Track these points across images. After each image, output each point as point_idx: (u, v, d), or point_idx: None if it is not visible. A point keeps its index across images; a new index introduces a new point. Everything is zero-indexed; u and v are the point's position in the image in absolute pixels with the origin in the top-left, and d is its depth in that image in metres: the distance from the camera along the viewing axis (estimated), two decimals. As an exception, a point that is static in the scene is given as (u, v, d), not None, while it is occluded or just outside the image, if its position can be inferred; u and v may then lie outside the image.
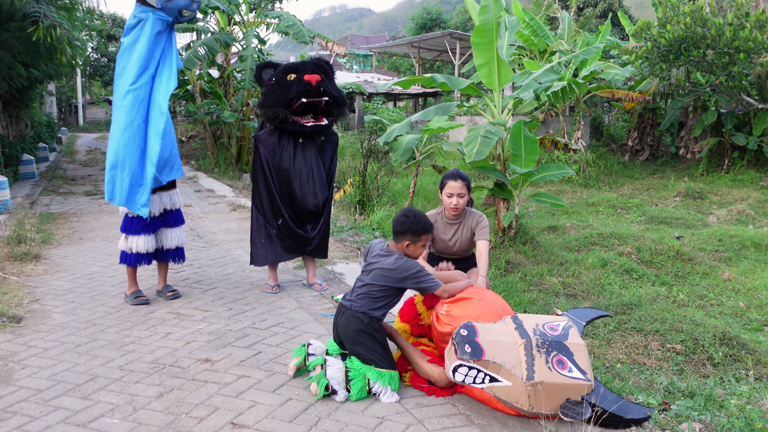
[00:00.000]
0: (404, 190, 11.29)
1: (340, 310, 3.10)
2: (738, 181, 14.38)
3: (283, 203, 4.48)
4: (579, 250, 8.10)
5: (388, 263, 3.02)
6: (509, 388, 2.59)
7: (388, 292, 3.03)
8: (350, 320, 3.00)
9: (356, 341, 2.98)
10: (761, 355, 5.01)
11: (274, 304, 4.28)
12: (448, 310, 3.03)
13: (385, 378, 2.85)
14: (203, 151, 15.40)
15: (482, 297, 3.09)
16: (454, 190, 3.75)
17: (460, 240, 3.88)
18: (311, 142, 4.48)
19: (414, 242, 3.10)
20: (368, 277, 3.07)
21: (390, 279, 2.99)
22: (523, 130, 7.32)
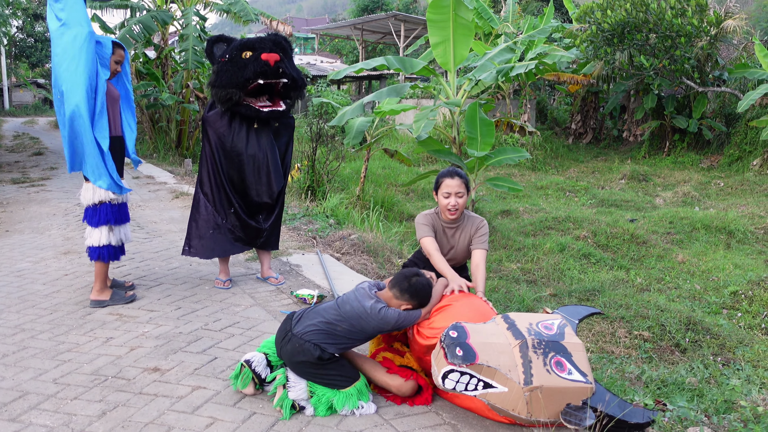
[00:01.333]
0: (353, 175, 10.98)
1: (284, 334, 2.69)
2: (679, 163, 14.68)
3: (234, 192, 4.09)
4: (535, 234, 8.00)
5: (367, 307, 2.66)
6: (505, 395, 2.35)
7: (357, 336, 2.68)
8: (296, 351, 2.62)
9: (304, 372, 2.63)
10: (724, 339, 4.98)
11: (227, 301, 3.92)
12: (428, 323, 2.73)
13: (354, 398, 2.53)
14: (140, 135, 14.64)
15: (461, 302, 2.83)
16: (451, 188, 3.32)
17: (456, 248, 3.49)
18: (266, 126, 4.11)
19: (413, 308, 2.77)
20: (338, 314, 2.69)
21: (365, 323, 2.65)
22: (478, 112, 7.11)
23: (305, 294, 3.86)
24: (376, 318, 2.64)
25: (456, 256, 3.46)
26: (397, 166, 12.63)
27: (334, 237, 5.54)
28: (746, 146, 13.55)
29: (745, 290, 6.00)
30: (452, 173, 3.37)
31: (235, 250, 4.21)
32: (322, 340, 2.62)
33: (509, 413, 2.34)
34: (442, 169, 3.44)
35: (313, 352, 2.59)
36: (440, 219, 3.42)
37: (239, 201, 4.12)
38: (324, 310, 2.75)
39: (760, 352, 4.83)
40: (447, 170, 3.41)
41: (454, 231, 3.44)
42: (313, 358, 2.59)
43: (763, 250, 7.97)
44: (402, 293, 2.72)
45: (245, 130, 4.04)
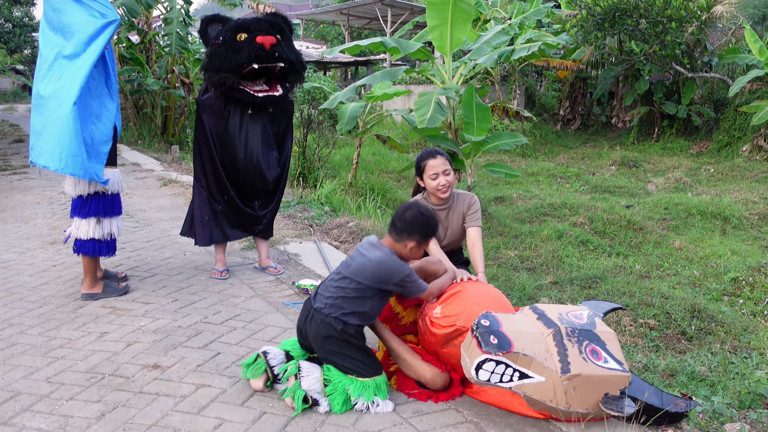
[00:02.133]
0: (344, 162, 10.80)
1: (307, 312, 2.60)
2: (668, 149, 14.66)
3: (228, 178, 3.92)
4: (531, 221, 7.90)
5: (375, 257, 2.54)
6: (542, 385, 2.22)
7: (367, 293, 2.53)
8: (320, 327, 2.51)
9: (329, 351, 2.50)
10: (729, 326, 4.91)
11: (225, 292, 3.75)
12: (442, 311, 2.59)
13: (370, 390, 2.40)
14: (125, 122, 14.33)
15: (475, 288, 2.70)
16: (437, 168, 3.19)
17: (451, 228, 3.35)
18: (262, 111, 3.92)
19: (420, 245, 2.62)
20: (348, 270, 2.59)
21: (373, 277, 2.51)
22: (474, 97, 6.97)
23: (307, 284, 3.71)
24: (382, 268, 2.52)
25: (451, 237, 3.36)
26: (387, 153, 12.47)
27: (331, 225, 5.39)
28: (735, 132, 13.55)
29: (745, 276, 5.94)
30: (432, 153, 3.26)
31: (232, 237, 4.06)
32: (341, 312, 2.52)
33: (546, 405, 2.22)
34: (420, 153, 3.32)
35: (335, 325, 2.50)
36: (430, 203, 3.30)
37: (234, 187, 3.96)
38: (331, 278, 2.65)
39: (765, 340, 4.77)
40: (425, 152, 3.30)
41: (446, 212, 3.33)
42: (337, 333, 2.49)
43: (759, 235, 7.94)
44: (401, 231, 2.60)
45: (239, 115, 3.87)
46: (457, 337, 2.52)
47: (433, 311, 2.63)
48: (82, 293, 3.66)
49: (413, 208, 2.64)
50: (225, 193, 3.95)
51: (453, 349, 2.54)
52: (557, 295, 5.39)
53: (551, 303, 5.33)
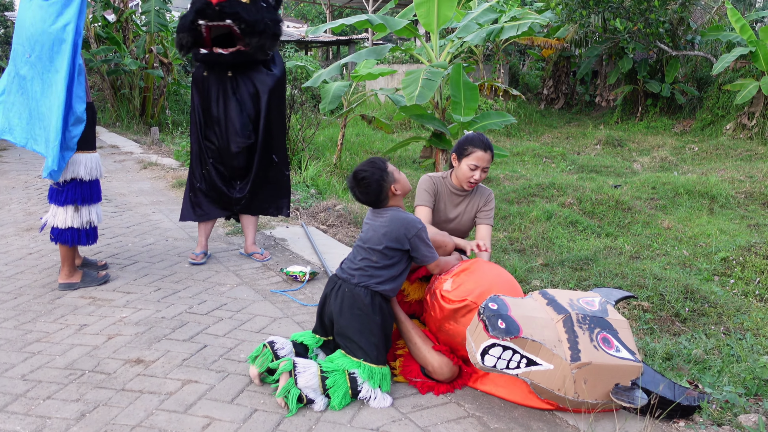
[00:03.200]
0: (328, 143, 10.62)
1: (334, 284, 2.52)
2: (652, 128, 14.64)
3: (209, 154, 3.78)
4: (519, 202, 7.81)
5: (384, 220, 2.49)
6: (551, 373, 2.12)
7: (392, 256, 2.46)
8: (348, 297, 2.43)
9: (350, 326, 2.41)
10: (722, 307, 4.87)
11: (210, 280, 3.61)
12: (453, 284, 2.48)
13: (377, 377, 2.30)
14: (102, 103, 13.98)
15: (489, 267, 2.62)
16: (481, 162, 3.00)
17: (461, 218, 3.21)
18: (244, 78, 3.72)
19: (393, 180, 2.53)
20: (367, 243, 2.51)
21: (390, 236, 2.45)
22: (462, 75, 6.82)
23: (296, 271, 3.57)
24: (395, 222, 2.48)
25: (459, 226, 3.21)
26: (371, 133, 12.29)
27: (318, 208, 5.24)
28: (718, 110, 13.54)
29: (735, 256, 5.90)
30: (486, 145, 3.05)
31: (212, 215, 3.93)
32: (373, 281, 2.47)
33: (554, 394, 2.13)
34: (471, 132, 3.14)
35: (364, 296, 2.43)
36: (450, 185, 3.14)
37: (215, 163, 3.81)
38: (354, 253, 2.59)
39: (758, 320, 4.73)
40: (478, 139, 3.07)
41: (461, 199, 3.17)
42: (363, 305, 2.42)
43: (746, 214, 7.93)
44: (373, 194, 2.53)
45: (217, 85, 3.73)
46: (466, 314, 2.43)
47: (443, 284, 2.54)
48: (59, 283, 3.49)
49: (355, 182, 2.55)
50: (204, 167, 3.82)
51: (457, 326, 2.44)
52: (548, 278, 5.30)
53: (543, 286, 5.26)
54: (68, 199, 3.38)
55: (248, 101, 3.82)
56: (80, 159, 3.36)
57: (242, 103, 3.79)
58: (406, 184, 2.59)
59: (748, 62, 12.55)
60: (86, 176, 3.40)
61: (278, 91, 3.94)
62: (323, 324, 2.53)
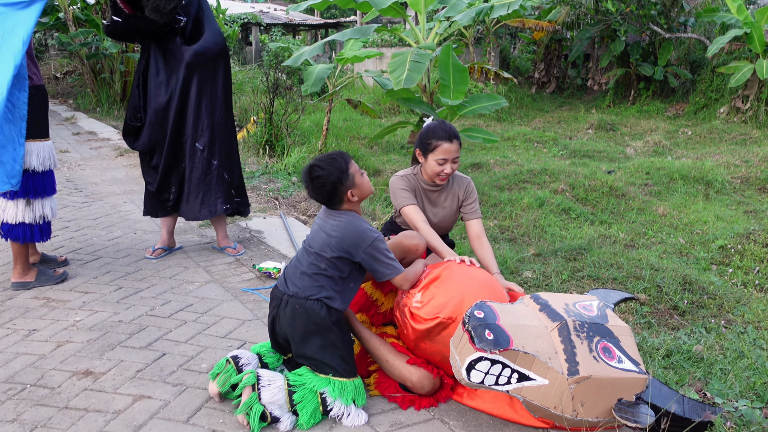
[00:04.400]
0: (314, 128, 10.32)
1: (279, 300, 2.23)
2: (644, 111, 14.40)
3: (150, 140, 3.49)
4: (510, 188, 7.56)
5: (336, 225, 2.20)
6: (546, 389, 1.90)
7: (341, 267, 2.19)
8: (302, 314, 2.15)
9: (309, 343, 2.13)
10: (722, 299, 4.66)
11: (178, 277, 3.34)
12: (423, 297, 2.22)
13: (349, 392, 2.05)
14: (82, 88, 13.59)
15: (461, 272, 2.34)
16: (449, 154, 2.75)
17: (443, 214, 2.95)
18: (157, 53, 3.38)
19: (352, 184, 2.24)
20: (313, 253, 2.22)
21: (341, 245, 2.18)
22: (451, 57, 6.54)
23: (270, 267, 3.32)
24: (347, 231, 2.20)
25: (442, 222, 2.95)
26: (358, 118, 11.98)
27: (298, 197, 4.97)
28: (712, 94, 13.31)
29: (733, 244, 5.69)
30: (450, 135, 2.78)
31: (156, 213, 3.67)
32: (323, 293, 2.18)
33: (550, 412, 1.89)
34: (431, 122, 2.85)
35: (318, 310, 2.15)
36: (422, 181, 2.88)
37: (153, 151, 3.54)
38: (300, 258, 2.27)
39: (759, 312, 4.53)
40: (440, 129, 2.78)
41: (438, 194, 2.92)
42: (320, 319, 2.14)
43: (742, 200, 7.72)
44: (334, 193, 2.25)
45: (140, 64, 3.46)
46: (441, 332, 2.17)
47: (412, 300, 2.26)
48: (12, 282, 3.22)
49: (309, 178, 2.27)
50: None
51: (434, 345, 2.18)
52: (541, 269, 5.07)
53: (535, 277, 5.02)
54: (19, 192, 3.10)
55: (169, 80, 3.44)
56: (32, 148, 3.08)
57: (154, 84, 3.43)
58: (366, 190, 2.30)
59: (742, 44, 12.31)
60: (39, 167, 3.12)
61: (204, 70, 3.47)
62: (278, 345, 2.28)
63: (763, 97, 11.55)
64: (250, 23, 21.71)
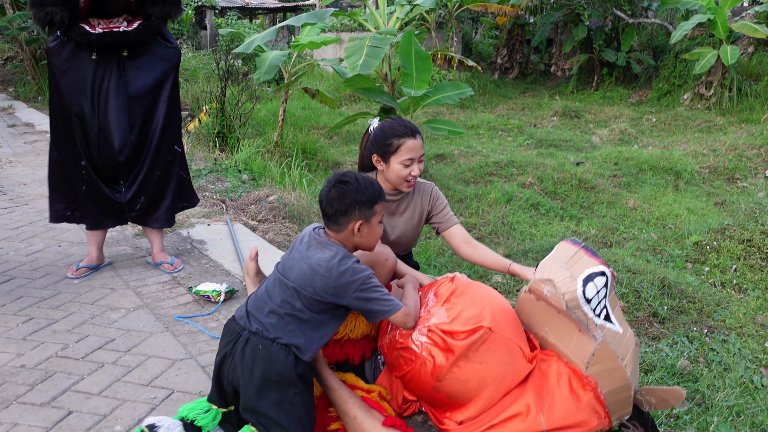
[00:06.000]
0: (270, 118, 9.82)
1: (237, 336, 1.82)
2: (608, 98, 14.26)
3: (82, 147, 3.01)
4: (476, 182, 7.24)
5: (323, 260, 1.80)
6: (620, 337, 1.90)
7: (324, 308, 1.81)
8: (263, 358, 1.74)
9: (263, 394, 1.72)
10: (701, 302, 4.41)
11: (102, 302, 2.89)
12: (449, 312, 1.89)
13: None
14: (22, 75, 12.78)
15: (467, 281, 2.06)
16: (415, 152, 2.36)
17: (404, 227, 2.53)
18: (114, 58, 2.95)
19: (368, 219, 1.87)
20: (292, 278, 1.82)
21: (325, 287, 1.77)
22: (413, 43, 6.14)
23: (208, 290, 2.88)
24: (333, 273, 1.79)
25: (402, 237, 2.54)
26: (318, 107, 11.51)
27: (248, 199, 4.53)
28: (675, 80, 13.21)
29: (708, 240, 5.46)
30: (411, 129, 2.37)
31: (103, 224, 3.19)
32: (292, 338, 1.78)
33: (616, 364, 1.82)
34: (385, 120, 2.44)
35: (285, 358, 1.75)
36: None
37: (88, 159, 3.05)
38: (270, 290, 1.86)
39: (740, 316, 4.29)
40: (399, 125, 2.36)
41: (397, 204, 2.52)
42: (284, 369, 1.75)
43: (711, 190, 7.56)
44: (337, 215, 1.87)
45: (89, 65, 2.94)
46: (481, 346, 1.86)
47: (431, 320, 1.90)
48: None
49: (333, 181, 1.90)
50: (83, 169, 3.05)
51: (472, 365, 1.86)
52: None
53: (505, 282, 4.70)
54: None
55: (134, 82, 3.05)
56: None
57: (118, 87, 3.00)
58: (374, 237, 1.93)
59: (705, 30, 12.19)
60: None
61: (171, 71, 3.19)
62: (222, 392, 1.85)
63: (726, 83, 11.46)
64: (205, 6, 20.90)
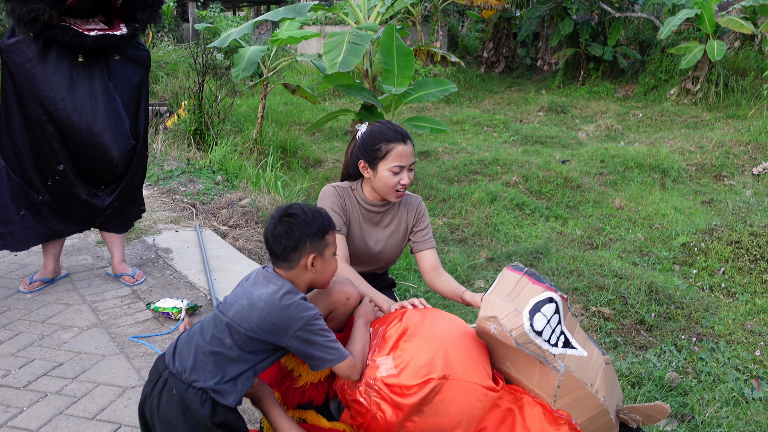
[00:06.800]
0: (251, 113, 9.59)
1: (158, 373, 1.65)
2: (594, 93, 14.14)
3: (61, 151, 2.79)
4: (460, 180, 7.07)
5: (265, 294, 1.62)
6: (585, 361, 1.72)
7: (257, 347, 1.63)
8: (172, 401, 1.57)
9: None
10: (690, 308, 4.27)
11: (54, 320, 2.69)
12: (397, 361, 1.67)
13: None
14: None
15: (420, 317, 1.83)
16: (406, 159, 2.17)
17: (386, 243, 2.33)
18: (98, 62, 2.78)
19: (320, 252, 1.70)
20: (230, 313, 1.64)
21: (263, 324, 1.60)
22: (395, 39, 5.96)
23: (168, 307, 2.68)
24: (275, 309, 1.61)
25: (384, 252, 2.35)
26: (300, 102, 11.28)
27: (220, 202, 4.33)
28: (661, 75, 13.11)
29: (696, 242, 5.33)
30: (402, 134, 2.17)
31: (64, 232, 2.97)
32: (210, 380, 1.58)
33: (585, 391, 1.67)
34: (374, 124, 2.25)
35: (200, 405, 1.56)
36: (362, 200, 2.28)
37: (67, 163, 2.83)
38: (204, 326, 1.68)
39: (729, 322, 4.16)
40: (389, 129, 2.18)
41: (381, 216, 2.33)
42: (199, 418, 1.56)
43: (698, 189, 7.45)
44: (286, 251, 1.69)
45: (66, 66, 2.73)
46: (435, 398, 1.66)
47: (378, 371, 1.69)
48: None
49: (278, 215, 1.71)
50: (49, 176, 2.83)
51: (427, 419, 1.66)
52: (495, 276, 4.59)
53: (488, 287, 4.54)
54: None
55: (119, 84, 2.88)
56: None
57: (108, 90, 2.84)
58: (329, 271, 1.76)
59: (692, 25, 12.09)
60: None
61: (148, 73, 3.03)
62: None
63: (713, 78, 11.37)
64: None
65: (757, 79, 10.93)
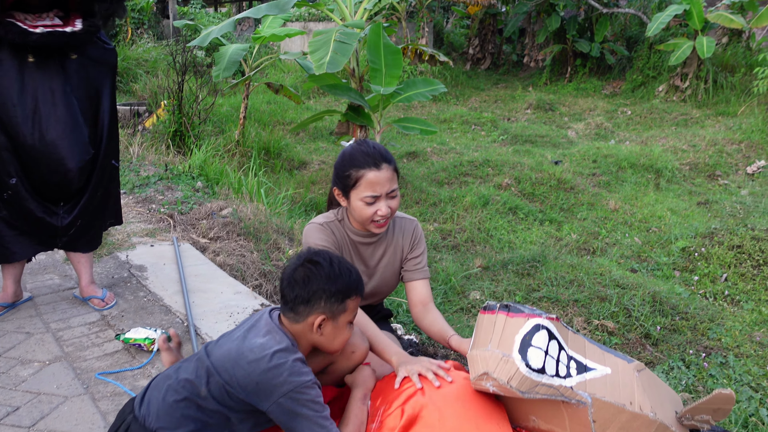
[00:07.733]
0: (233, 114, 9.30)
1: (121, 419, 1.43)
2: (582, 89, 14.00)
3: (12, 164, 2.52)
4: (450, 183, 6.85)
5: (256, 345, 1.39)
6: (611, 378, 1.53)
7: (233, 404, 1.40)
8: None
9: None
10: (696, 319, 4.08)
11: (13, 353, 2.41)
12: None
13: None
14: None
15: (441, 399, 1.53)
16: (379, 187, 1.89)
17: (381, 274, 2.08)
18: (52, 63, 2.50)
19: (334, 317, 1.47)
20: (204, 364, 1.41)
21: (245, 380, 1.37)
22: (382, 37, 5.72)
23: (140, 338, 2.42)
24: (260, 366, 1.38)
25: (378, 287, 2.10)
26: (283, 101, 11.00)
27: (200, 212, 4.06)
28: (649, 71, 12.99)
29: (696, 246, 5.16)
30: (375, 159, 1.88)
31: (22, 254, 2.68)
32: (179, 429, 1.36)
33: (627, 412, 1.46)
34: (350, 145, 2.00)
35: None
36: (350, 230, 2.02)
37: (21, 178, 2.55)
38: (185, 363, 1.47)
39: (736, 334, 3.98)
40: (360, 153, 1.90)
41: (373, 246, 2.07)
42: None
43: (693, 189, 7.30)
44: (297, 302, 1.48)
45: (16, 67, 2.45)
46: None
47: None
48: None
49: (306, 258, 1.46)
50: (3, 190, 2.55)
51: None
52: (491, 288, 4.38)
53: (484, 299, 4.32)
54: None
55: (77, 88, 2.60)
56: None
57: (65, 94, 2.56)
58: (339, 341, 1.54)
59: (680, 20, 11.96)
60: None
61: (112, 75, 2.75)
62: None
63: (702, 75, 11.25)
64: (167, -6, 20.09)
65: (747, 75, 10.82)
